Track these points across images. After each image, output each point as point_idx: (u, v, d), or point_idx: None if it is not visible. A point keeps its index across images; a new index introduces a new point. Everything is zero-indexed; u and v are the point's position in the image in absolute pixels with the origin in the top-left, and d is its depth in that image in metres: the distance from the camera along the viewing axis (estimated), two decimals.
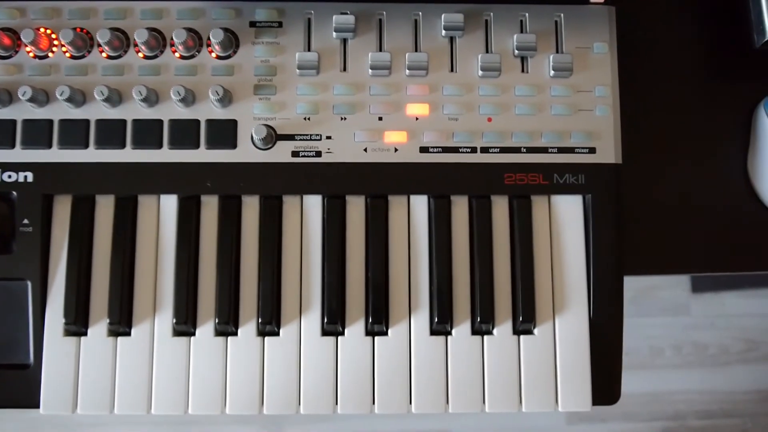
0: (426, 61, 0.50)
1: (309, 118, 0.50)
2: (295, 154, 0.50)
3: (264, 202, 0.50)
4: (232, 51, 0.51)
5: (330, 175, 0.50)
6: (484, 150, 0.50)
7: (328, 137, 0.50)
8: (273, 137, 0.49)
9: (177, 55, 0.50)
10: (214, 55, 0.51)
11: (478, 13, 0.52)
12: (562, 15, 0.52)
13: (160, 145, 0.49)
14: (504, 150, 0.50)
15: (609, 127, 0.51)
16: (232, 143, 0.49)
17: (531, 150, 0.51)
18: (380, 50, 0.51)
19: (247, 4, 0.51)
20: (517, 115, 0.51)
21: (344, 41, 0.51)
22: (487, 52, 0.52)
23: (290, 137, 0.50)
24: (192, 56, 0.50)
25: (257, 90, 0.50)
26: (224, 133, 0.49)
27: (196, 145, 0.49)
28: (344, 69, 0.51)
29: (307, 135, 0.50)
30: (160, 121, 0.50)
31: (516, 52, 0.51)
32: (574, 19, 0.52)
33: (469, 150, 0.50)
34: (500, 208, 0.51)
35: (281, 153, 0.50)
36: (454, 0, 0.52)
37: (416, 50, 0.52)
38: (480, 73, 0.51)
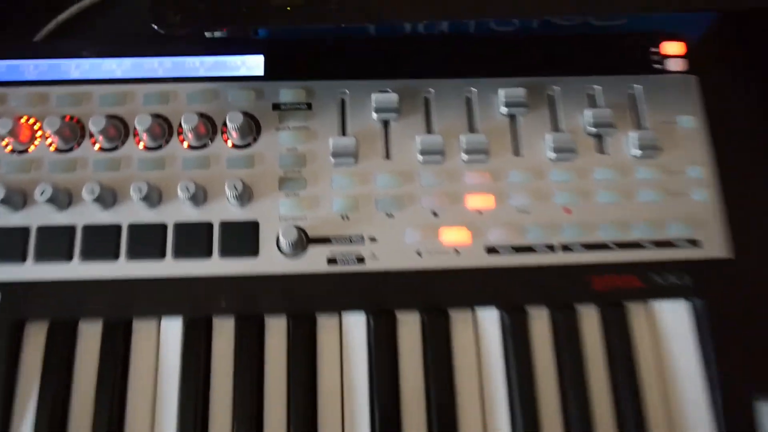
0: (485, 143, 0.42)
1: (348, 217, 0.41)
2: (331, 261, 0.40)
3: (293, 323, 0.39)
4: (252, 138, 0.42)
5: (376, 286, 0.39)
6: (565, 248, 0.41)
7: (372, 239, 0.40)
8: (304, 241, 0.40)
9: (186, 144, 0.42)
10: (230, 143, 0.42)
11: (541, 86, 0.44)
12: (638, 87, 0.45)
13: (162, 255, 0.39)
14: (588, 247, 0.41)
15: (712, 214, 0.42)
16: (252, 250, 0.40)
17: (621, 245, 0.41)
18: (429, 132, 0.43)
19: (269, 84, 0.43)
20: (600, 204, 0.42)
21: (386, 123, 0.43)
22: (555, 130, 0.43)
23: (325, 240, 0.40)
24: (204, 146, 0.42)
25: (283, 184, 0.41)
26: (243, 237, 0.40)
27: (208, 254, 0.39)
28: (387, 156, 0.42)
29: (346, 237, 0.40)
30: (164, 225, 0.40)
31: (590, 129, 0.43)
32: (652, 91, 0.45)
33: (545, 249, 0.41)
34: (589, 319, 0.40)
35: (315, 260, 0.40)
36: (511, 74, 0.44)
37: (472, 131, 0.43)
38: (550, 155, 0.42)
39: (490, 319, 0.40)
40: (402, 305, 0.40)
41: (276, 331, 0.39)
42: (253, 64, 0.44)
